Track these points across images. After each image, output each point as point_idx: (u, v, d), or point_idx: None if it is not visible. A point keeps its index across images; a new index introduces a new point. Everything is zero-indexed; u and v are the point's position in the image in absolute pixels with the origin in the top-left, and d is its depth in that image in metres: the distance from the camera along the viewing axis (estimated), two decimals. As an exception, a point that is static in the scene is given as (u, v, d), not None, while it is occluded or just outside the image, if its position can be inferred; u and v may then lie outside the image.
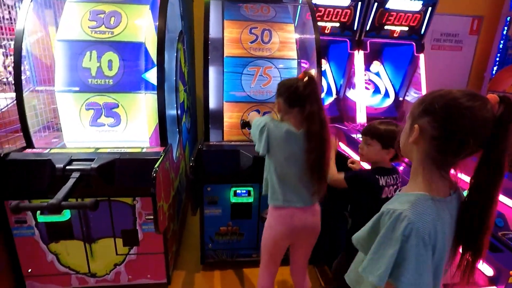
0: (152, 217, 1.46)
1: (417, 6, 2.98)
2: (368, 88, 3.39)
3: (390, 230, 0.72)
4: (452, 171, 0.78)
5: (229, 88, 2.09)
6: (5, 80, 2.39)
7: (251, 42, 2.14)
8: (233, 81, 2.09)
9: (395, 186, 1.41)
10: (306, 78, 1.25)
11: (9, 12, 2.29)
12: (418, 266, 0.70)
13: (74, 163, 1.57)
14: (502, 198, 2.19)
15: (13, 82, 2.20)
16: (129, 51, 1.83)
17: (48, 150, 1.69)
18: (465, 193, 0.79)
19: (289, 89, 1.28)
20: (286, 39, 2.21)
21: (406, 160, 2.01)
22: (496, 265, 1.56)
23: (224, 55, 2.10)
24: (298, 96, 1.25)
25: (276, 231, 1.39)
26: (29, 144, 1.73)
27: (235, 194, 1.90)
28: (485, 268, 1.62)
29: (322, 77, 3.15)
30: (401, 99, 3.41)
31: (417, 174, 0.78)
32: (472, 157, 0.75)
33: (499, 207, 2.20)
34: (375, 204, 1.37)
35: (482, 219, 0.73)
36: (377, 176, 1.35)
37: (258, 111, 2.05)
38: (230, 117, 2.10)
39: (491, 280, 1.57)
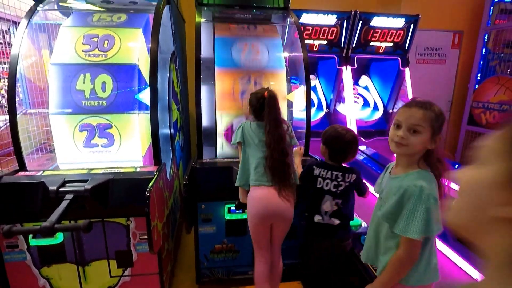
0: (146, 237, 1.45)
1: (400, 23, 3.12)
2: (357, 102, 3.49)
3: (418, 198, 1.02)
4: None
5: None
6: (-3, 103, 2.40)
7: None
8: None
9: (334, 182, 1.61)
10: (267, 95, 1.64)
11: (3, 37, 2.33)
12: (438, 218, 1.02)
13: (67, 184, 1.57)
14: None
15: (5, 105, 2.22)
16: (123, 73, 1.87)
17: (41, 172, 1.69)
18: None
19: (257, 103, 1.69)
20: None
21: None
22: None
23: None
24: (261, 107, 1.66)
25: (252, 214, 1.62)
26: (22, 166, 1.73)
27: (229, 211, 1.91)
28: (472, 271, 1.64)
29: (312, 93, 3.24)
30: (390, 111, 3.50)
31: (414, 161, 1.10)
32: None
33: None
34: (312, 191, 1.64)
35: None
36: (314, 167, 1.65)
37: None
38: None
39: None
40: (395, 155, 1.19)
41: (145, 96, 1.83)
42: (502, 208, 0.40)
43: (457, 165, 2.84)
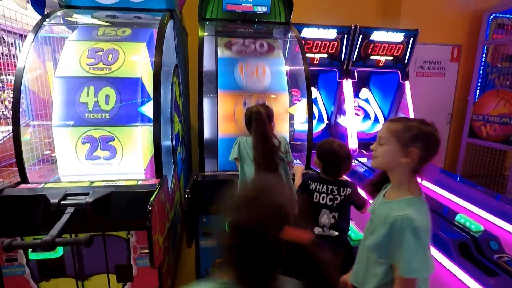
0: (147, 251, 1.44)
1: (399, 37, 3.17)
2: (358, 114, 3.50)
3: (415, 232, 0.95)
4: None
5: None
6: (0, 114, 2.42)
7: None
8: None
9: (330, 196, 1.62)
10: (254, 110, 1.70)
11: (9, 49, 2.37)
12: (427, 248, 0.98)
13: (69, 197, 1.56)
14: (495, 220, 2.23)
15: (8, 116, 2.23)
16: (126, 86, 1.89)
17: (43, 184, 1.69)
18: None
19: (248, 118, 1.76)
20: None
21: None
22: (494, 290, 1.56)
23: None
24: (250, 120, 1.73)
25: None
26: (24, 179, 1.73)
27: (231, 224, 1.89)
28: (482, 293, 1.61)
29: (313, 105, 3.26)
30: (390, 124, 3.52)
31: (402, 183, 1.05)
32: None
33: (493, 230, 2.24)
34: (310, 205, 1.64)
35: None
36: (309, 181, 1.67)
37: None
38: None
39: (490, 306, 1.56)
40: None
41: (148, 109, 1.84)
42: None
43: (458, 178, 2.83)
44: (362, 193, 1.69)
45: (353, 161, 1.75)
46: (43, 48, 2.03)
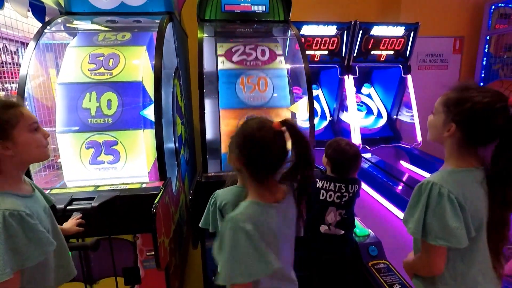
0: (153, 253, 1.45)
1: (400, 31, 3.14)
2: (361, 110, 3.49)
3: (419, 190, 0.94)
4: None
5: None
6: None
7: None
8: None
9: (338, 194, 1.59)
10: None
11: (12, 58, 2.40)
12: (447, 216, 0.88)
13: (74, 202, 1.58)
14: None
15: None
16: (128, 90, 1.90)
17: (49, 190, 1.70)
18: None
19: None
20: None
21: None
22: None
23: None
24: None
25: None
26: (30, 185, 1.75)
27: (236, 224, 1.90)
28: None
29: (316, 102, 3.26)
30: (394, 117, 3.50)
31: (450, 154, 0.99)
32: None
33: None
34: (316, 202, 1.58)
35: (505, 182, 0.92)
36: (317, 179, 1.65)
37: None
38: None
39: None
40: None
41: (150, 112, 1.85)
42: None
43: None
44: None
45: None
46: (45, 55, 2.05)
